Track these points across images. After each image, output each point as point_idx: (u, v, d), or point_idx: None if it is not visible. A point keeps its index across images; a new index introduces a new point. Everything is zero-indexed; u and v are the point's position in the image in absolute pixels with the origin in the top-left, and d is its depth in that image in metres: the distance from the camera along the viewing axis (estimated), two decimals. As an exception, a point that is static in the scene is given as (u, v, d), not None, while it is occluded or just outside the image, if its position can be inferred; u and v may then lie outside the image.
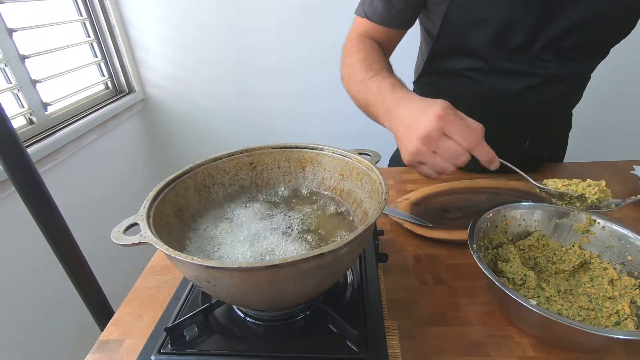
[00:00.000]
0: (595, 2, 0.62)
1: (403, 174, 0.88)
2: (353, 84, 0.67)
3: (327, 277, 0.37)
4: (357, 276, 0.49)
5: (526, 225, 0.58)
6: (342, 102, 0.98)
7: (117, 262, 1.39)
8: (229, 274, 0.32)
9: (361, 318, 0.43)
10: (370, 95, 0.60)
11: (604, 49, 0.72)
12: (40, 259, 1.12)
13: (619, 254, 0.51)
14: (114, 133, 1.57)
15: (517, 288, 0.51)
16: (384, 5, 0.72)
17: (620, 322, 0.45)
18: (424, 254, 0.64)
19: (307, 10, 1.51)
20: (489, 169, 0.48)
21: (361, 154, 0.51)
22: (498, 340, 0.48)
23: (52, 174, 1.23)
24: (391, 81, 0.58)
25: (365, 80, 0.63)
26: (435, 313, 0.53)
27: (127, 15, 1.55)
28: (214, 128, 1.80)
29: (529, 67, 0.71)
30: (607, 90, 1.58)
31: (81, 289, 0.79)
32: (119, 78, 1.64)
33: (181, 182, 0.48)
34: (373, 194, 0.46)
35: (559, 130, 0.91)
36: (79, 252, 0.78)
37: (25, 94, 1.18)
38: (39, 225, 0.72)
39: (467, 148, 0.46)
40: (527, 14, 0.64)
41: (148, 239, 0.35)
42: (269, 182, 0.57)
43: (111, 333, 0.52)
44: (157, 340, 0.42)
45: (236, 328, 0.44)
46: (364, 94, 0.62)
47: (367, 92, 0.61)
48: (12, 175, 0.70)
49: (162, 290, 0.59)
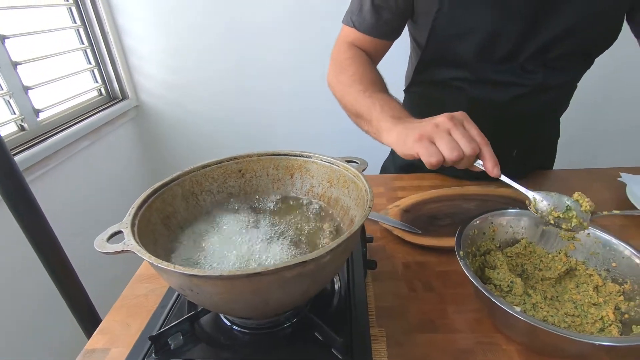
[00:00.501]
0: (579, 14, 0.64)
1: (394, 181, 0.89)
2: (347, 103, 0.69)
3: (312, 285, 0.37)
4: (345, 283, 0.49)
5: (513, 232, 0.59)
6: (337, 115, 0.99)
7: (108, 270, 1.38)
8: (212, 282, 0.32)
9: (347, 325, 0.43)
10: (368, 119, 0.61)
11: (589, 58, 0.73)
12: (27, 266, 1.10)
13: (603, 260, 0.52)
14: (107, 140, 1.56)
15: (504, 295, 0.51)
16: (372, 16, 0.73)
17: (604, 329, 0.46)
18: (414, 261, 0.64)
19: (303, 18, 1.53)
20: (490, 175, 0.48)
21: (349, 161, 0.51)
22: (486, 348, 0.48)
23: (43, 181, 1.22)
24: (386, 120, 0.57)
25: (364, 112, 0.63)
26: (424, 320, 0.53)
27: (121, 22, 1.56)
28: (208, 135, 1.80)
29: (515, 77, 0.72)
30: (594, 98, 1.61)
31: (68, 297, 0.78)
32: (113, 85, 1.64)
33: (168, 189, 0.48)
34: (359, 202, 0.46)
35: (547, 138, 0.92)
36: (65, 260, 0.77)
37: (17, 100, 1.17)
38: (24, 232, 0.71)
39: (479, 143, 0.47)
40: (511, 25, 0.65)
41: (131, 247, 0.35)
42: (258, 190, 0.57)
43: (97, 342, 0.52)
44: (141, 349, 0.41)
45: (222, 336, 0.44)
46: (360, 116, 0.64)
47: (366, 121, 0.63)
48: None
49: (150, 299, 0.59)
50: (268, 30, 1.55)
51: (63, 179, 1.31)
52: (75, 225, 1.31)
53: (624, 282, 0.49)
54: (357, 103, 0.65)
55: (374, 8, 0.72)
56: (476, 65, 0.72)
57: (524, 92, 0.73)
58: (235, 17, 1.53)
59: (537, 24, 0.65)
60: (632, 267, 0.48)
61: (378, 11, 0.72)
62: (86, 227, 1.35)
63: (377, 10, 0.72)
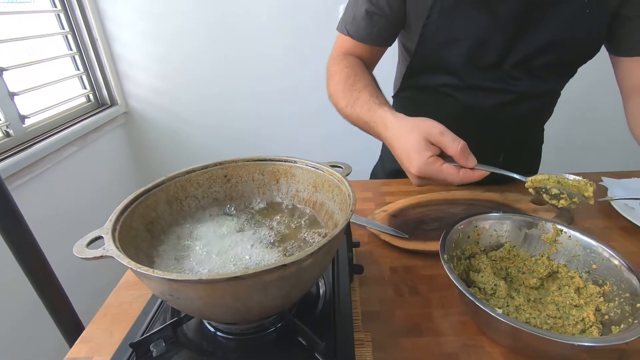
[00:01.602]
0: (563, 26, 0.66)
1: (382, 187, 0.89)
2: (339, 107, 0.71)
3: (294, 288, 0.37)
4: (330, 288, 0.49)
5: (497, 235, 0.59)
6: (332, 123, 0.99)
7: (94, 279, 1.36)
8: (191, 286, 0.32)
9: (331, 330, 0.42)
10: (360, 121, 0.66)
11: (573, 68, 0.75)
12: (10, 275, 1.08)
13: (584, 262, 0.53)
14: (94, 146, 1.55)
15: (488, 298, 0.52)
16: (366, 24, 0.74)
17: (585, 330, 0.46)
18: (401, 265, 0.64)
19: (292, 23, 1.54)
20: (466, 166, 0.53)
21: (333, 166, 0.52)
22: (470, 350, 0.48)
23: (28, 188, 1.20)
24: (370, 114, 0.63)
25: (350, 105, 0.68)
26: (409, 324, 0.53)
27: (110, 28, 1.55)
28: (198, 141, 1.79)
29: (501, 84, 0.73)
30: (577, 106, 1.66)
31: (51, 307, 0.76)
32: (101, 91, 1.63)
33: (152, 195, 0.48)
34: (343, 206, 0.46)
35: (532, 144, 0.94)
36: (48, 269, 0.76)
37: (2, 106, 1.16)
38: (5, 241, 0.70)
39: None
40: (497, 34, 0.67)
41: (110, 252, 0.34)
42: (243, 195, 0.57)
43: (79, 350, 0.51)
44: (122, 357, 0.41)
45: (206, 342, 0.43)
46: (353, 117, 0.68)
47: (355, 116, 0.67)
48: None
49: (135, 306, 0.58)
50: (256, 35, 1.56)
51: (49, 186, 1.29)
52: (60, 233, 1.29)
53: (604, 284, 0.50)
54: (352, 112, 0.68)
55: (367, 15, 0.73)
56: (464, 71, 0.73)
57: (510, 98, 0.75)
58: (223, 23, 1.54)
59: (523, 34, 0.67)
60: (611, 268, 0.49)
61: (372, 18, 0.73)
62: (72, 236, 1.30)
63: (371, 17, 0.73)
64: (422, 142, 0.53)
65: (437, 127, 0.53)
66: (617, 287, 0.48)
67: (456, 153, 0.51)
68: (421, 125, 0.54)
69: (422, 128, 0.53)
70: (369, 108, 0.63)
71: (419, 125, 0.54)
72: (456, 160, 0.52)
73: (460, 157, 0.51)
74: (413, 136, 0.53)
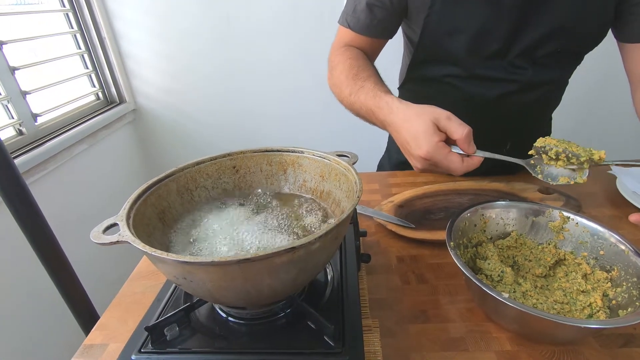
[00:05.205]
0: (567, 13, 0.65)
1: (389, 178, 0.90)
2: (342, 96, 0.71)
3: (302, 272, 0.38)
4: (337, 275, 0.50)
5: (504, 224, 0.60)
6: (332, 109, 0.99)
7: (107, 271, 1.39)
8: (204, 269, 0.33)
9: (339, 314, 0.43)
10: (364, 108, 0.66)
11: (578, 56, 0.74)
12: (27, 266, 1.11)
13: (592, 249, 0.53)
14: (104, 143, 1.57)
15: (495, 284, 0.52)
16: (366, 16, 0.74)
17: (592, 315, 0.47)
18: (407, 254, 0.65)
19: (297, 20, 1.55)
20: (467, 152, 0.53)
21: (340, 155, 0.52)
22: (477, 336, 0.49)
23: (41, 184, 1.23)
24: (376, 100, 0.63)
25: (354, 93, 0.68)
26: (416, 311, 0.54)
27: (118, 27, 1.57)
28: (205, 138, 1.81)
29: (505, 74, 0.73)
30: (586, 95, 1.63)
31: (67, 296, 0.78)
32: (110, 89, 1.65)
33: (163, 185, 0.49)
34: (349, 193, 0.47)
35: (539, 133, 0.93)
36: (64, 260, 0.78)
37: (15, 105, 1.19)
38: (25, 233, 0.72)
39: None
40: (501, 23, 0.67)
41: (126, 237, 0.36)
42: (252, 185, 0.58)
43: (96, 337, 0.53)
44: (138, 340, 0.42)
45: (218, 327, 0.45)
46: (357, 105, 0.68)
47: (359, 104, 0.67)
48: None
49: (148, 295, 0.59)
50: (263, 33, 1.57)
51: (61, 182, 1.32)
52: (73, 227, 1.32)
53: (612, 269, 0.50)
54: (354, 101, 0.68)
55: (368, 7, 0.73)
56: (467, 62, 0.73)
57: (515, 88, 0.74)
58: (230, 21, 1.55)
59: (526, 22, 0.67)
60: (619, 253, 0.49)
61: (372, 10, 0.73)
62: (84, 229, 1.35)
63: (371, 9, 0.73)
64: (431, 126, 0.53)
65: (444, 112, 0.53)
66: (625, 272, 0.48)
67: (461, 137, 0.51)
68: (430, 110, 0.54)
69: (431, 112, 0.54)
70: (375, 95, 0.63)
71: (428, 110, 0.54)
72: (459, 144, 0.53)
73: (464, 142, 0.52)
74: (422, 119, 0.53)
